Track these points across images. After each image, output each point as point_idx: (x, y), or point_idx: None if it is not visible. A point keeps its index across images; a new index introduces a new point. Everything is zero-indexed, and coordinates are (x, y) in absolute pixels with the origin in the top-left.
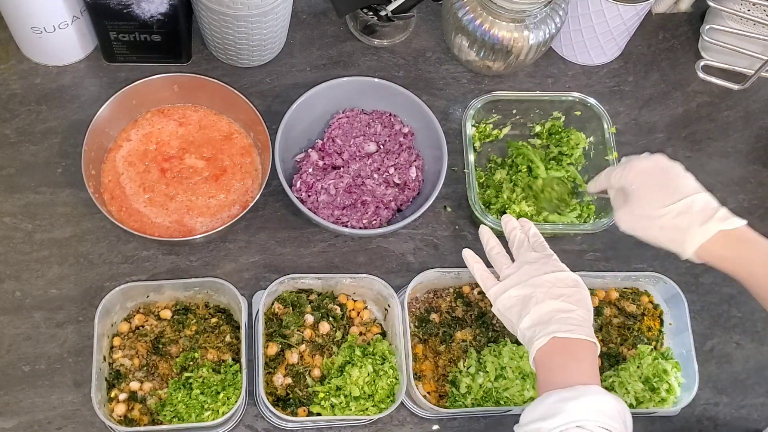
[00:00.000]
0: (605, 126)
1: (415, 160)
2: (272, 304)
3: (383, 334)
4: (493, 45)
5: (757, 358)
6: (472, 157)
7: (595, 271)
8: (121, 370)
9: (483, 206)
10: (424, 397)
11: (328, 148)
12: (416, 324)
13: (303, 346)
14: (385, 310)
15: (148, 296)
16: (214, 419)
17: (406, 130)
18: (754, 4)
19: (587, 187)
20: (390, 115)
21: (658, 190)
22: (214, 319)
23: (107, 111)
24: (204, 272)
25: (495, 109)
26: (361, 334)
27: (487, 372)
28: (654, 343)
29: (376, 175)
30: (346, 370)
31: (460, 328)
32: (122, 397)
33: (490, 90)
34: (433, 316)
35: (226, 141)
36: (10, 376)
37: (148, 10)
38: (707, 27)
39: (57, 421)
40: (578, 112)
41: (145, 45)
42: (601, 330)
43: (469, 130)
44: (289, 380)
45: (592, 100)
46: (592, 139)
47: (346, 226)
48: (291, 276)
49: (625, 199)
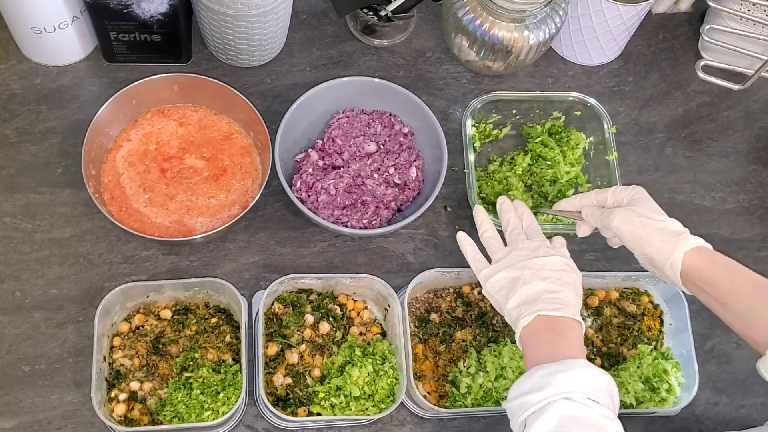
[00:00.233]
0: (605, 126)
1: (415, 160)
2: (272, 304)
3: (383, 334)
4: (493, 45)
5: (757, 358)
6: (472, 157)
7: (595, 271)
8: (121, 370)
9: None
10: (424, 397)
11: (328, 148)
12: (416, 324)
13: (303, 346)
14: (385, 310)
15: (148, 296)
16: (214, 419)
17: (406, 130)
18: (754, 4)
19: (555, 205)
20: (390, 115)
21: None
22: (214, 319)
23: (107, 111)
24: (204, 272)
25: (495, 109)
26: (361, 334)
27: (487, 372)
28: (654, 343)
29: (376, 175)
30: (346, 370)
31: (460, 328)
32: (122, 397)
33: (490, 90)
34: (433, 316)
35: (226, 141)
36: (10, 376)
37: (148, 10)
38: (707, 27)
39: (57, 421)
40: (578, 112)
41: (145, 45)
42: (601, 330)
43: (469, 130)
44: (289, 380)
45: (592, 100)
46: (592, 139)
47: (346, 226)
48: (291, 276)
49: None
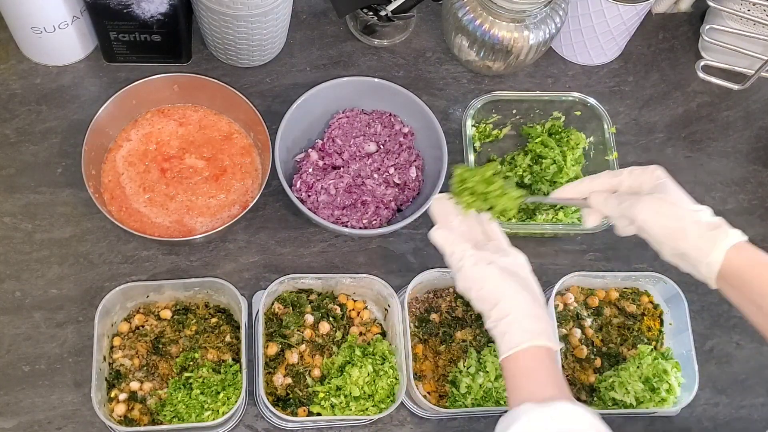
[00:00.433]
0: (605, 126)
1: (415, 160)
2: (272, 304)
3: (383, 334)
4: (493, 45)
5: (757, 358)
6: (472, 157)
7: (595, 271)
8: (121, 370)
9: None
10: (424, 397)
11: (328, 148)
12: (416, 324)
13: (303, 346)
14: (385, 310)
15: (148, 296)
16: (214, 419)
17: (406, 130)
18: (754, 4)
19: (556, 192)
20: (390, 115)
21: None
22: (214, 319)
23: (107, 111)
24: (204, 272)
25: (495, 109)
26: (361, 334)
27: (487, 372)
28: (654, 343)
29: (376, 175)
30: (346, 370)
31: (460, 328)
32: (122, 397)
33: (490, 90)
34: (433, 316)
35: (226, 141)
36: (10, 376)
37: (148, 10)
38: (707, 27)
39: (57, 421)
40: (578, 112)
41: (145, 45)
42: (601, 330)
43: (469, 130)
44: (289, 380)
45: (592, 100)
46: (592, 139)
47: (346, 226)
48: (291, 276)
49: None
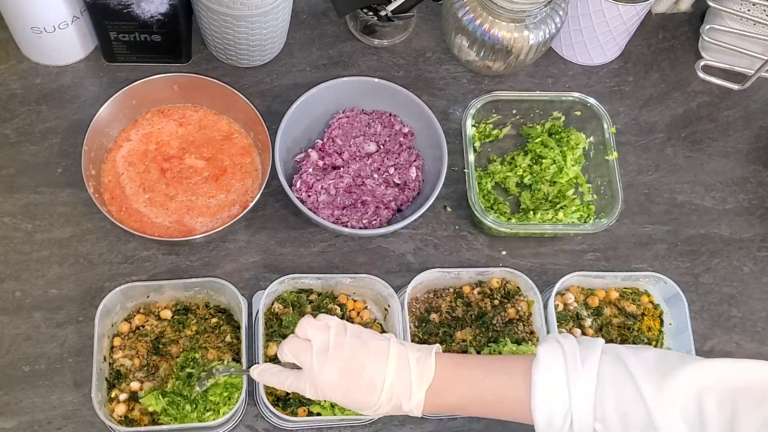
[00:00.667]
0: (605, 126)
1: (415, 160)
2: (272, 304)
3: None
4: (493, 45)
5: (757, 359)
6: (472, 157)
7: (595, 271)
8: (122, 371)
9: (483, 207)
10: None
11: (328, 148)
12: (416, 324)
13: None
14: (385, 310)
15: (148, 296)
16: (214, 419)
17: (406, 130)
18: (754, 4)
19: (253, 374)
20: (390, 115)
21: (359, 392)
22: (215, 319)
23: (107, 111)
24: (204, 272)
25: (495, 109)
26: None
27: None
28: (654, 343)
29: (376, 175)
30: None
31: (460, 328)
32: (122, 397)
33: (490, 90)
34: (433, 316)
35: (226, 141)
36: (10, 376)
37: (148, 10)
38: (707, 27)
39: (57, 421)
40: (578, 112)
41: (145, 45)
42: (601, 330)
43: (469, 130)
44: None
45: (592, 100)
46: (592, 139)
47: (346, 226)
48: (291, 276)
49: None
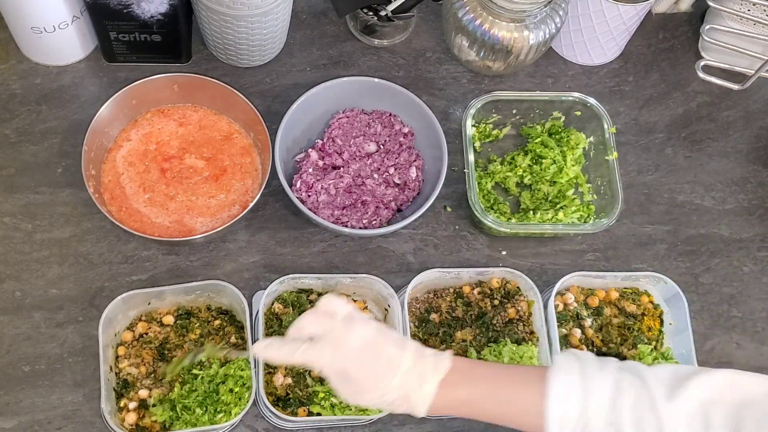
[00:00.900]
0: (605, 126)
1: (415, 160)
2: (272, 304)
3: None
4: (493, 45)
5: (757, 358)
6: (472, 157)
7: (595, 271)
8: (129, 379)
9: (483, 207)
10: None
11: (328, 148)
12: (416, 324)
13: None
14: (385, 310)
15: (149, 303)
16: (227, 420)
17: (406, 130)
18: (754, 4)
19: (257, 350)
20: (390, 115)
21: (375, 367)
22: (218, 321)
23: (107, 111)
24: (204, 272)
25: (495, 109)
26: None
27: None
28: (654, 343)
29: (376, 175)
30: None
31: (460, 328)
32: (132, 405)
33: (490, 90)
34: (433, 316)
35: (226, 141)
36: (10, 376)
37: (148, 10)
38: (707, 27)
39: (57, 421)
40: (578, 112)
41: (145, 45)
42: (601, 330)
43: (469, 130)
44: (289, 380)
45: (592, 100)
46: (592, 139)
47: (346, 226)
48: (291, 276)
49: (343, 377)
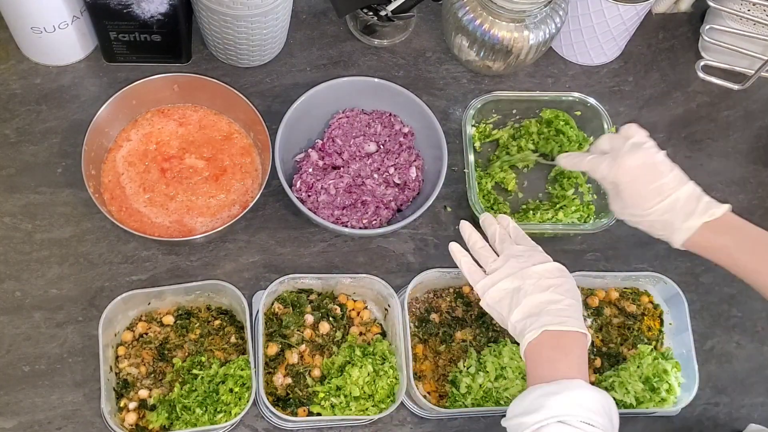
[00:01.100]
0: (605, 126)
1: (415, 160)
2: (272, 304)
3: (383, 334)
4: (493, 45)
5: (757, 358)
6: (472, 157)
7: (595, 271)
8: (129, 379)
9: (483, 207)
10: (424, 397)
11: (328, 148)
12: (416, 324)
13: (303, 346)
14: (385, 310)
15: (149, 303)
16: (227, 420)
17: (406, 130)
18: (754, 4)
19: (560, 160)
20: (390, 115)
21: (645, 188)
22: (218, 321)
23: (107, 111)
24: (204, 272)
25: (495, 109)
26: (361, 334)
27: (487, 372)
28: (654, 343)
29: (376, 175)
30: (346, 370)
31: (460, 328)
32: (132, 405)
33: (490, 90)
34: (433, 316)
35: (226, 141)
36: (10, 376)
37: (148, 10)
38: (707, 27)
39: (57, 421)
40: (578, 112)
41: (145, 45)
42: (601, 330)
43: (469, 130)
44: (289, 380)
45: (592, 100)
46: (592, 139)
47: (346, 226)
48: (291, 276)
49: (615, 190)
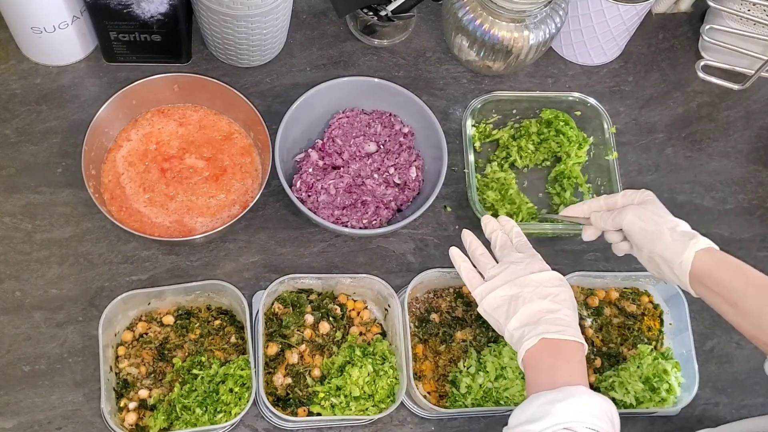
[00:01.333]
0: (605, 126)
1: (415, 160)
2: (272, 304)
3: (383, 334)
4: (493, 45)
5: (757, 358)
6: (472, 157)
7: (595, 271)
8: (129, 379)
9: (483, 205)
10: (424, 397)
11: (328, 148)
12: (416, 324)
13: (303, 346)
14: (385, 310)
15: (149, 303)
16: (227, 420)
17: (406, 130)
18: (754, 4)
19: (563, 211)
20: (390, 115)
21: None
22: (218, 321)
23: (107, 111)
24: (204, 272)
25: (495, 109)
26: (361, 334)
27: (487, 372)
28: (654, 343)
29: (376, 175)
30: (346, 370)
31: (460, 328)
32: (132, 405)
33: (490, 90)
34: (433, 316)
35: (226, 141)
36: (10, 376)
37: (148, 10)
38: (707, 27)
39: (57, 421)
40: (578, 112)
41: (145, 45)
42: (601, 330)
43: (469, 130)
44: (289, 380)
45: (592, 100)
46: (592, 139)
47: (346, 226)
48: (291, 276)
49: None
